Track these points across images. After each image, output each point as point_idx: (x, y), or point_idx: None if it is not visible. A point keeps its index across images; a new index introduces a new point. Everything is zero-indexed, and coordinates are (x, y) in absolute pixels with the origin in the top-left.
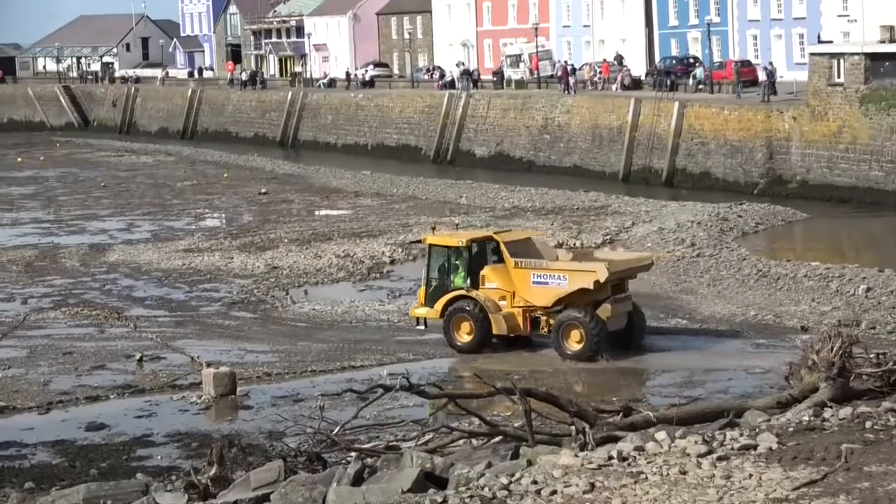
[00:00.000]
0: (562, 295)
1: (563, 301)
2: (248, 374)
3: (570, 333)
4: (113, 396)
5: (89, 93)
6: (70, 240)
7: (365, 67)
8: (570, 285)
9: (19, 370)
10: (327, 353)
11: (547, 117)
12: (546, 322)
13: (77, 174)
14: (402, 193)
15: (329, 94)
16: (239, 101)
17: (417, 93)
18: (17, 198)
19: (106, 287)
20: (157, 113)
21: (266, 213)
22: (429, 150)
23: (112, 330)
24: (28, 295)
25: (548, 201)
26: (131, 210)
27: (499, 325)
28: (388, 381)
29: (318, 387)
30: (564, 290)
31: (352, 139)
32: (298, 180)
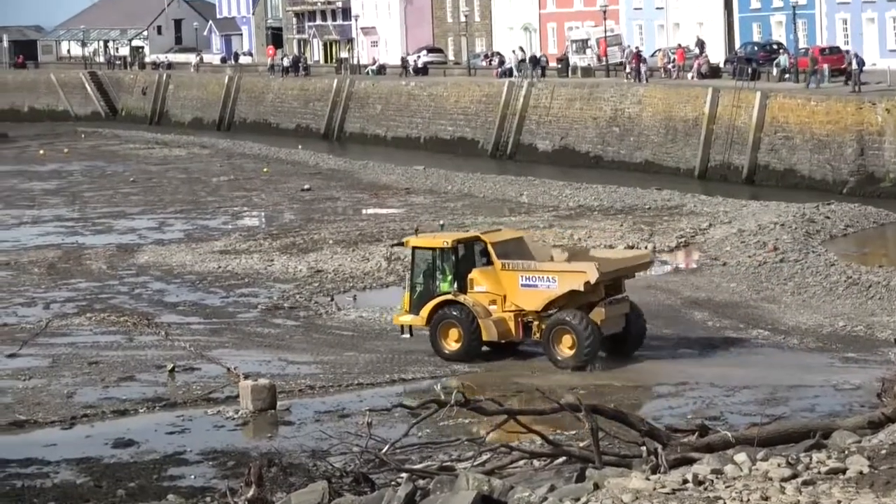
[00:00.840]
0: (552, 298)
1: (553, 304)
2: (290, 387)
3: (562, 339)
4: (142, 410)
5: (117, 79)
6: (96, 240)
7: (417, 53)
8: (560, 287)
9: (41, 381)
10: (376, 364)
11: (616, 108)
12: (538, 327)
13: (104, 168)
14: (457, 191)
15: (378, 82)
16: (280, 90)
17: (474, 81)
18: (38, 193)
19: (135, 291)
20: (191, 102)
21: (309, 212)
22: (486, 143)
23: (141, 338)
24: (51, 299)
25: (616, 200)
26: (162, 207)
27: (489, 331)
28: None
29: (366, 401)
30: (554, 293)
31: (403, 131)
32: (344, 176)
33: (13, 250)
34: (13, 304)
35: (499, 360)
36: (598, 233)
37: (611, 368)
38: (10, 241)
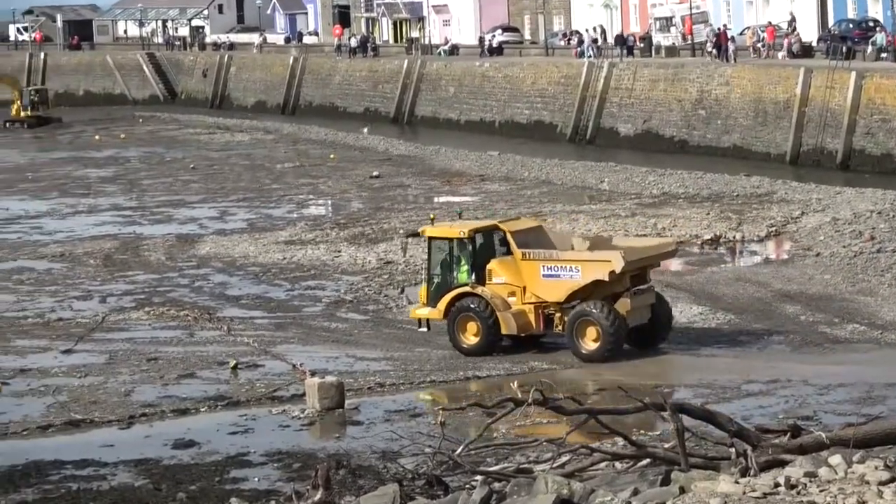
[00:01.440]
0: (575, 288)
1: (576, 295)
2: (358, 385)
3: (586, 331)
4: (203, 409)
5: (176, 61)
6: (155, 230)
7: (492, 32)
8: (584, 277)
9: (97, 378)
10: (449, 360)
11: (702, 90)
12: (560, 319)
13: (162, 154)
14: (534, 177)
15: (450, 63)
16: (347, 71)
17: (552, 61)
18: (94, 181)
19: (195, 284)
20: (254, 84)
21: (378, 200)
22: (565, 127)
23: (202, 333)
24: (107, 292)
25: (703, 187)
26: (224, 196)
27: (508, 325)
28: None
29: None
30: (577, 283)
31: (476, 115)
32: (415, 162)
33: (68, 241)
34: (68, 297)
35: (529, 352)
36: (684, 221)
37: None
38: (65, 232)
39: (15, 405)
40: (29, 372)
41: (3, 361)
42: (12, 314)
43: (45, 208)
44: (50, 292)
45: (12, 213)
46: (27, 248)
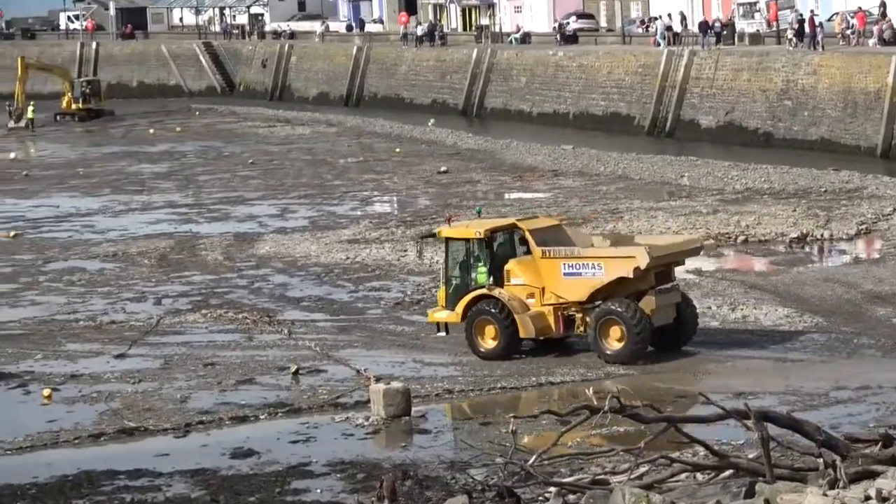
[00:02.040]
0: (598, 286)
1: (599, 294)
2: (426, 392)
3: (609, 330)
4: (263, 417)
5: (234, 51)
6: (212, 228)
7: (566, 19)
8: (607, 275)
9: (152, 384)
10: (520, 366)
11: (788, 79)
12: (582, 320)
13: (220, 149)
14: (610, 172)
15: (522, 52)
16: (414, 61)
17: (629, 50)
18: (148, 177)
19: (255, 285)
20: (316, 75)
21: (446, 196)
22: (643, 119)
23: (262, 337)
24: (162, 294)
25: (789, 182)
26: (284, 192)
27: (526, 328)
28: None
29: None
30: (601, 281)
31: (549, 106)
32: (485, 156)
33: (121, 240)
34: (121, 299)
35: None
36: (769, 219)
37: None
38: (118, 230)
39: (66, 412)
40: (80, 377)
41: (53, 366)
42: (63, 317)
43: (97, 206)
44: (102, 294)
45: (63, 210)
46: (78, 248)
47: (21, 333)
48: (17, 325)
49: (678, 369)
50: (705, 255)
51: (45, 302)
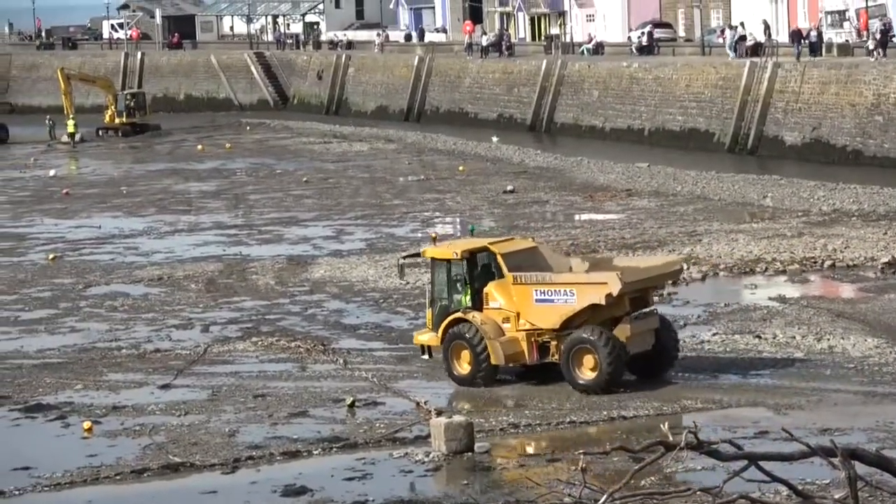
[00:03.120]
0: (570, 314)
1: (572, 321)
2: (490, 426)
3: (583, 359)
4: (317, 452)
5: (288, 61)
6: (263, 250)
7: (642, 28)
8: (579, 301)
9: (199, 417)
10: (590, 399)
11: (879, 93)
12: (556, 347)
13: (272, 166)
14: (688, 192)
15: (595, 64)
16: (479, 73)
17: (709, 61)
18: (196, 196)
19: (308, 311)
20: (375, 88)
21: (513, 217)
22: (723, 135)
23: (316, 367)
24: (210, 321)
25: (879, 203)
26: (340, 212)
27: (496, 354)
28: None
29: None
30: (573, 308)
31: (623, 121)
32: (554, 174)
33: (167, 263)
34: (167, 326)
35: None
36: (857, 242)
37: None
38: (164, 252)
39: (107, 446)
40: (123, 409)
41: (94, 398)
42: (104, 345)
43: (142, 226)
44: (146, 320)
45: (105, 231)
46: (121, 271)
47: (60, 362)
48: (56, 353)
49: (758, 403)
50: (789, 282)
51: (86, 329)
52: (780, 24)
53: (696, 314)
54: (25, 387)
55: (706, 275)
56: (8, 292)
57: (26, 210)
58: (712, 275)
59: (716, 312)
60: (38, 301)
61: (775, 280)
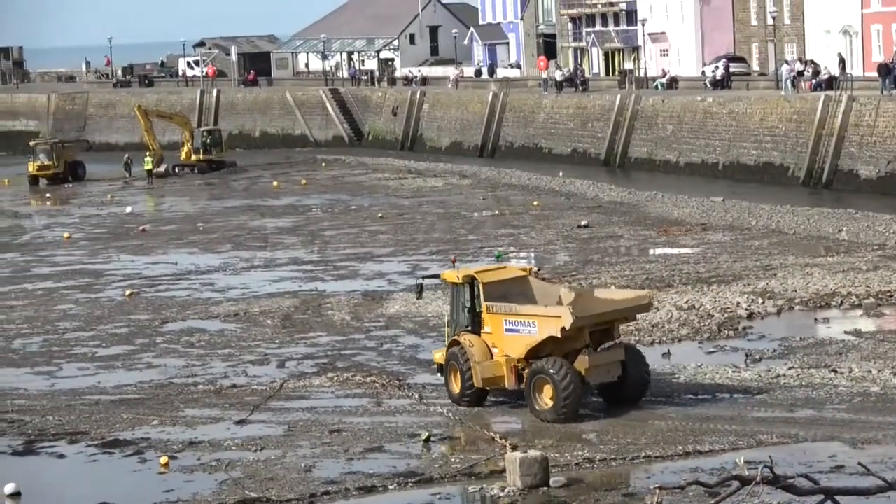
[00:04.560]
0: (532, 344)
1: (535, 351)
2: (565, 460)
3: (543, 389)
4: (392, 487)
5: (363, 98)
6: (338, 286)
7: (716, 63)
8: (540, 333)
9: (275, 452)
10: (666, 433)
11: None
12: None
13: (347, 202)
14: (762, 226)
15: (669, 98)
16: (553, 108)
17: (783, 95)
18: (272, 232)
19: (384, 347)
20: (449, 123)
21: (587, 252)
22: (798, 169)
23: (391, 402)
24: (286, 356)
25: None
26: (416, 248)
27: (477, 377)
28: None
29: (655, 477)
30: (535, 339)
31: (697, 156)
32: (628, 209)
33: (243, 299)
34: (243, 361)
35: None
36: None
37: None
38: (240, 288)
39: (184, 482)
40: (199, 445)
41: (171, 433)
42: (181, 380)
43: (218, 262)
44: (223, 356)
45: (182, 267)
46: (198, 307)
47: (137, 398)
48: (132, 389)
49: (834, 437)
50: (865, 316)
51: (163, 365)
52: (853, 59)
53: (772, 348)
54: (103, 423)
55: (781, 309)
56: (85, 329)
57: (103, 247)
58: (787, 309)
59: (791, 346)
60: (115, 337)
61: (851, 314)
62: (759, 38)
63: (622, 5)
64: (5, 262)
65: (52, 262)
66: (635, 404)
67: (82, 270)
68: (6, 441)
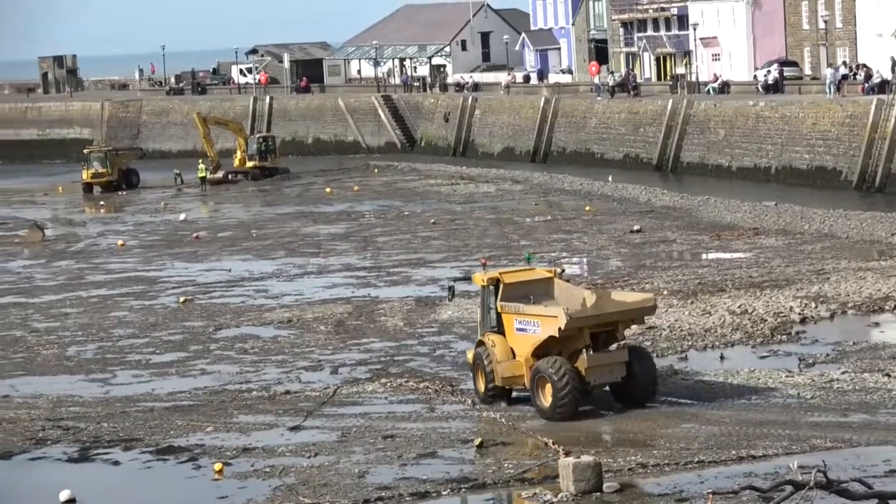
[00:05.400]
0: (537, 343)
1: (541, 349)
2: (618, 465)
3: (544, 387)
4: (445, 492)
5: (415, 104)
6: (391, 292)
7: (768, 67)
8: (542, 332)
9: (328, 458)
10: (719, 438)
11: None
12: None
13: (400, 208)
14: (815, 231)
15: (721, 103)
16: (604, 113)
17: (836, 99)
18: (324, 238)
19: (437, 352)
20: (501, 129)
21: (640, 257)
22: (851, 173)
23: (444, 407)
24: (339, 362)
25: None
26: (468, 253)
27: (497, 377)
28: (798, 476)
29: (708, 482)
30: (539, 338)
31: (750, 160)
32: (681, 214)
33: (296, 305)
34: (296, 368)
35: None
36: None
37: None
38: (293, 295)
39: (238, 488)
40: (253, 451)
41: (225, 439)
42: (235, 387)
43: (271, 269)
44: (276, 362)
45: (235, 274)
46: (251, 314)
47: (191, 405)
48: (186, 395)
49: (888, 442)
50: None
51: (216, 371)
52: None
53: (825, 352)
54: (157, 429)
55: (834, 313)
56: (139, 335)
57: (157, 254)
58: (840, 313)
59: (844, 351)
60: (169, 344)
61: None
62: (810, 42)
63: (674, 10)
64: (60, 269)
65: (107, 270)
66: (643, 406)
67: (136, 278)
68: (61, 448)
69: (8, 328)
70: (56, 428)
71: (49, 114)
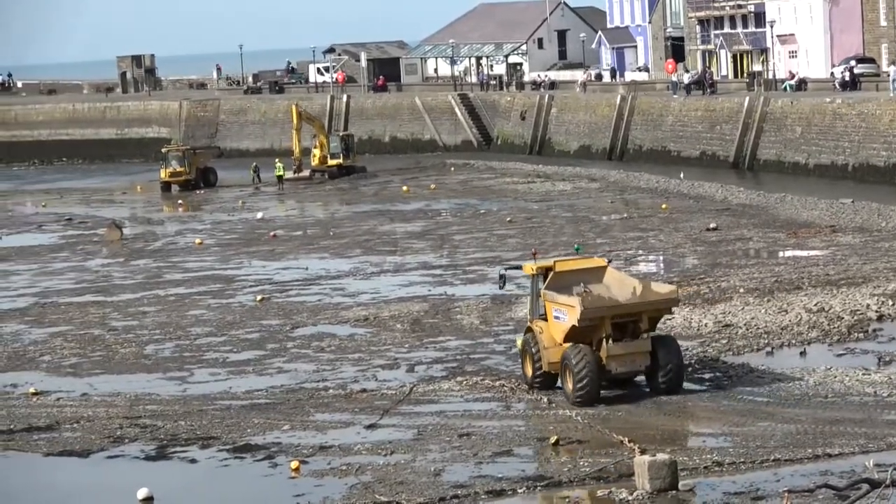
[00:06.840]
0: (566, 330)
1: (568, 337)
2: (693, 464)
3: (567, 374)
4: (521, 490)
5: (492, 102)
6: (467, 290)
7: (845, 64)
8: (569, 321)
9: (404, 456)
10: (795, 436)
11: None
12: None
13: (476, 206)
14: (892, 228)
15: (797, 100)
16: (681, 111)
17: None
18: (401, 237)
19: (512, 351)
20: (577, 127)
21: (716, 255)
22: None
23: (520, 405)
24: (415, 360)
25: None
26: (544, 252)
27: (544, 363)
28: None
29: (784, 480)
30: (567, 326)
31: (827, 157)
32: (757, 212)
33: (373, 303)
34: (373, 366)
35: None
36: None
37: None
38: (370, 293)
39: (314, 486)
40: (330, 449)
41: (301, 438)
42: (312, 385)
43: (348, 267)
44: (352, 361)
45: (312, 272)
46: (328, 312)
47: (268, 403)
48: (263, 394)
49: None
50: None
51: (293, 369)
52: None
53: None
54: (234, 427)
55: None
56: (217, 334)
57: (234, 252)
58: None
59: None
60: (247, 342)
61: None
62: (888, 39)
63: (750, 7)
64: (138, 268)
65: (184, 268)
66: (670, 394)
67: (214, 276)
68: (139, 446)
69: (87, 327)
70: (134, 426)
71: (128, 113)
